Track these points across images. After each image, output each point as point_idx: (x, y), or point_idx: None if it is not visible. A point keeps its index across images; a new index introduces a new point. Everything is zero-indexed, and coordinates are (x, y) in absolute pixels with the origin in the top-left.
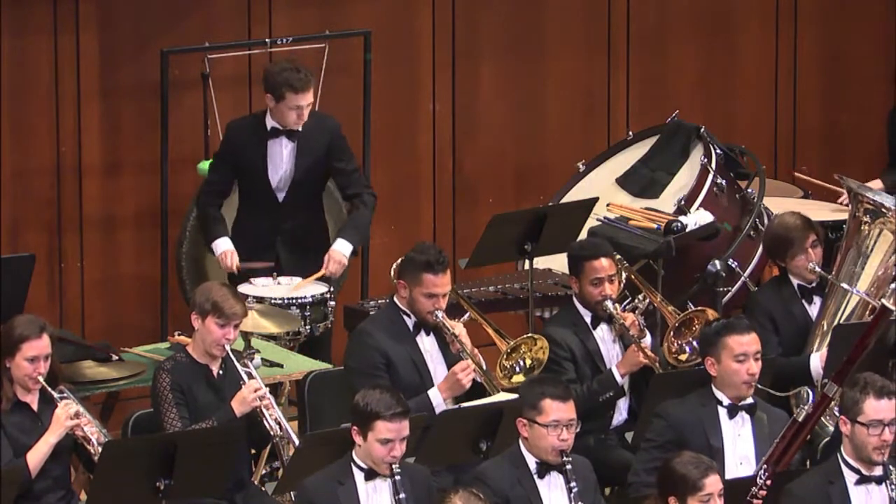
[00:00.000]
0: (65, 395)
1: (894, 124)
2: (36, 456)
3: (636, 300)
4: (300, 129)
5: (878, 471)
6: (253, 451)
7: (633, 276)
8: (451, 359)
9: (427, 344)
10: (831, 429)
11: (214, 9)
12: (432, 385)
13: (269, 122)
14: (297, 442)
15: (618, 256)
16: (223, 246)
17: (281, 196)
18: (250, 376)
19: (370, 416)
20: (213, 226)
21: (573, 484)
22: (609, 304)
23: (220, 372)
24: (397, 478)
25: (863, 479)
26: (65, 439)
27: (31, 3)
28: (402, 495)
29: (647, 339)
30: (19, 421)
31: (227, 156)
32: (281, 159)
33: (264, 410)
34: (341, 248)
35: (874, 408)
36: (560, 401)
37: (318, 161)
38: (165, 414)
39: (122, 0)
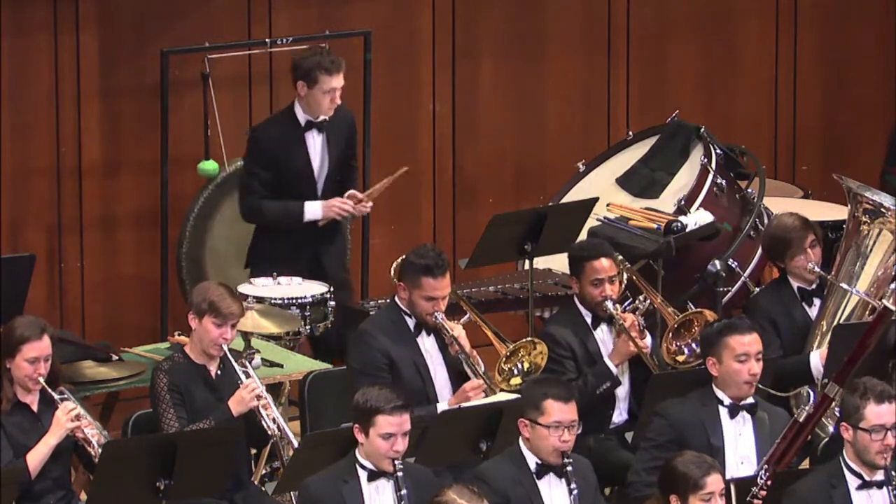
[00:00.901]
0: (65, 396)
1: None
2: (36, 457)
3: (637, 301)
4: (327, 119)
5: (879, 475)
6: (254, 451)
7: (634, 277)
8: (450, 360)
9: (428, 345)
10: (831, 429)
11: (214, 9)
12: (433, 387)
13: (302, 116)
14: (294, 442)
15: (619, 257)
16: (315, 204)
17: (320, 189)
18: (248, 376)
19: (371, 412)
20: (286, 208)
21: (573, 486)
22: (609, 304)
23: (219, 372)
24: (399, 474)
25: (865, 485)
26: (65, 440)
27: (31, 2)
28: (403, 491)
29: (648, 340)
30: (19, 422)
31: (265, 160)
32: (316, 152)
33: (262, 410)
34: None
35: (876, 413)
36: (562, 402)
37: (343, 151)
38: (163, 415)
39: (122, 0)
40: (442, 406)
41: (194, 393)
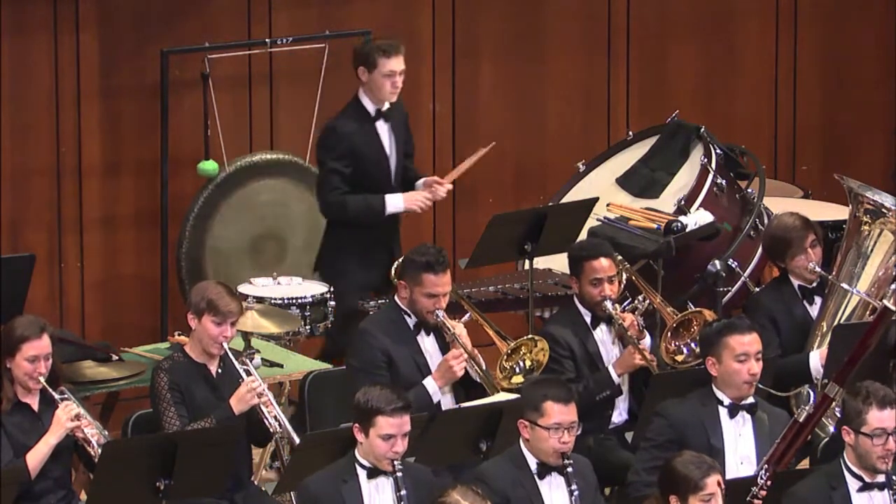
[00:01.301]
0: (65, 395)
1: None
2: (36, 457)
3: (636, 301)
4: (390, 105)
5: (880, 477)
6: (260, 451)
7: (633, 277)
8: None
9: (428, 344)
10: (831, 429)
11: (214, 9)
12: None
13: (370, 107)
14: (296, 439)
15: (619, 257)
16: (396, 197)
17: (393, 178)
18: (248, 374)
19: (371, 413)
20: (368, 201)
21: (574, 487)
22: (608, 304)
23: (219, 371)
24: (399, 475)
25: (865, 487)
26: (65, 440)
27: (31, 2)
28: (403, 492)
29: (647, 340)
30: (20, 421)
31: (344, 155)
32: (386, 141)
33: (263, 408)
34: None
35: (877, 418)
36: (562, 403)
37: (406, 141)
38: (164, 413)
39: (122, 0)
40: (428, 380)
41: (195, 392)
